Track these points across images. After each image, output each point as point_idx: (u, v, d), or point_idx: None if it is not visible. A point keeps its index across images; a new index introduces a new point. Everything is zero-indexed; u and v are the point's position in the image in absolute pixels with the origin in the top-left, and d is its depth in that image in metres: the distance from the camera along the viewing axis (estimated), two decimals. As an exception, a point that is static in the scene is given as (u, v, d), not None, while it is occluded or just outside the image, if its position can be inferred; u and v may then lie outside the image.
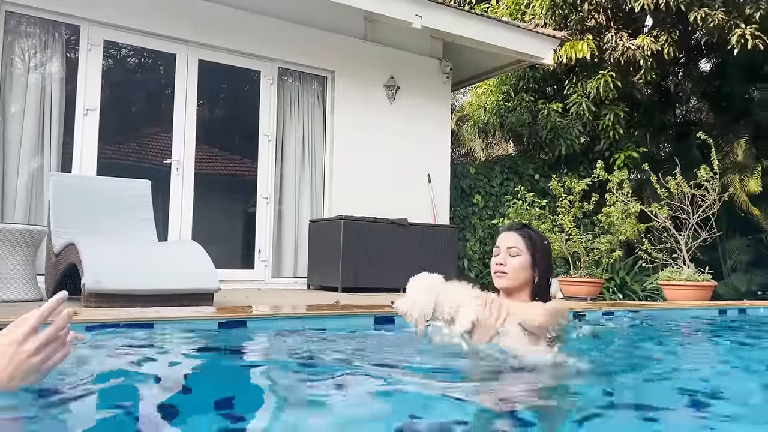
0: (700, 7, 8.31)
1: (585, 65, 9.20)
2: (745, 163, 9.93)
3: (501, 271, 2.45)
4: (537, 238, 2.50)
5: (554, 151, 9.78)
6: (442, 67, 8.35)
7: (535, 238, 2.50)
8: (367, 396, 1.69)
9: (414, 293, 2.31)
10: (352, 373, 1.98)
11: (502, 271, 2.44)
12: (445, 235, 7.54)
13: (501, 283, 2.45)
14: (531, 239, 2.49)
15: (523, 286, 2.46)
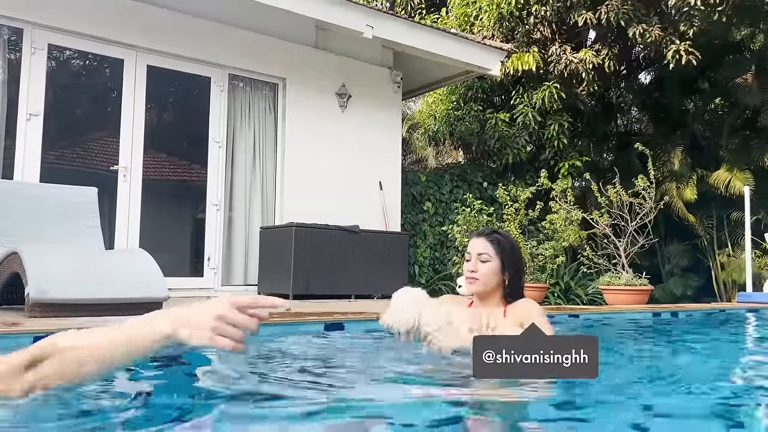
0: (638, 23, 8.69)
1: (531, 77, 9.48)
2: (681, 172, 10.39)
3: (472, 277, 2.56)
4: (505, 243, 2.62)
5: (502, 159, 10.03)
6: (392, 76, 8.48)
7: (503, 242, 2.61)
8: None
9: (399, 307, 2.33)
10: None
11: (474, 277, 2.56)
12: (396, 241, 7.65)
13: (472, 289, 2.57)
14: (500, 244, 2.60)
15: (494, 290, 2.59)
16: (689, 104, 12.02)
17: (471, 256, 2.58)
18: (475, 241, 2.62)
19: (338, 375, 2.23)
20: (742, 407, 1.85)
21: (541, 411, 1.73)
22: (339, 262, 6.88)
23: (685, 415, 1.71)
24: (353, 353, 2.76)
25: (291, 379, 2.07)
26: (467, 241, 7.39)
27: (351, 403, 1.75)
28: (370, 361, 2.61)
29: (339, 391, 1.92)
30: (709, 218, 10.66)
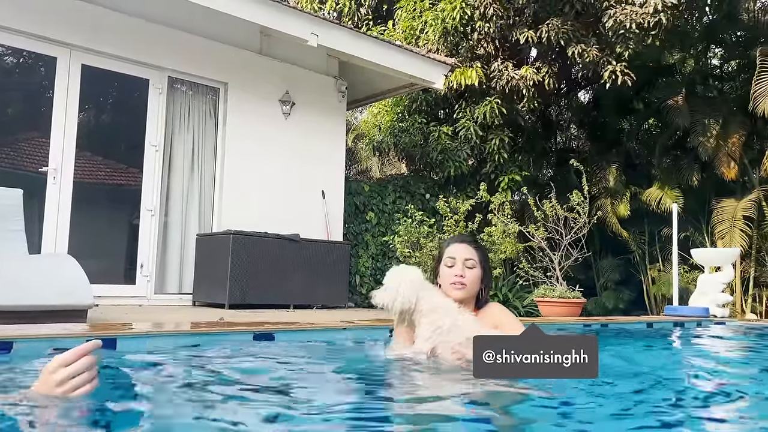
0: (577, 43, 8.97)
1: (474, 91, 9.65)
2: (616, 188, 10.75)
3: (460, 283, 2.49)
4: (485, 251, 2.64)
5: (444, 171, 10.15)
6: (337, 85, 8.48)
7: (484, 251, 2.63)
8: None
9: (397, 284, 2.35)
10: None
11: (462, 283, 2.49)
12: (337, 251, 7.62)
13: (459, 295, 2.49)
14: (482, 252, 2.61)
15: (472, 297, 2.58)
16: (624, 124, 12.47)
17: (455, 262, 2.52)
18: (459, 247, 2.57)
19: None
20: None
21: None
22: (278, 271, 6.79)
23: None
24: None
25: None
26: (407, 251, 7.45)
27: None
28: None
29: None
30: (641, 234, 11.05)
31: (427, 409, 1.85)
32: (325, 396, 2.02)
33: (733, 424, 1.90)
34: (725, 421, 1.93)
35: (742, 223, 9.57)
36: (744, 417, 2.01)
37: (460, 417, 1.77)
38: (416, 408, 1.89)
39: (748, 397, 2.28)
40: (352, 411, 1.82)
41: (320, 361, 2.88)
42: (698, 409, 2.05)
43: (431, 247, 7.36)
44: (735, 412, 2.06)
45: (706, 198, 10.43)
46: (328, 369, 2.64)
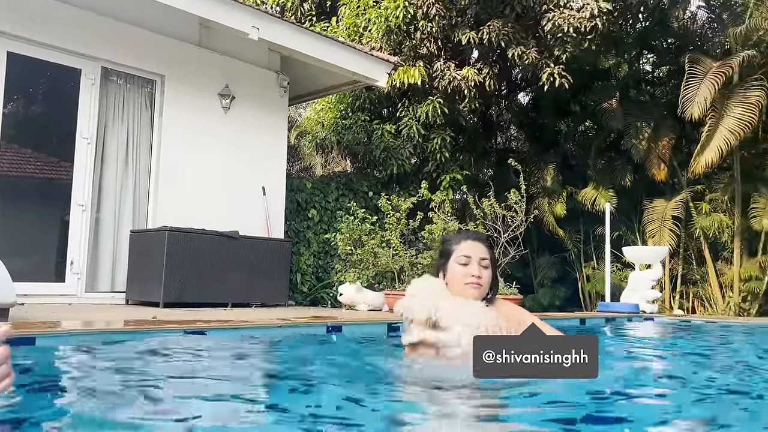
0: (517, 45, 9.15)
1: (416, 90, 9.70)
2: (553, 188, 11.03)
3: (478, 283, 2.41)
4: (494, 251, 2.59)
5: (387, 170, 10.17)
6: (279, 80, 8.37)
7: (494, 250, 2.58)
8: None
9: (422, 294, 2.27)
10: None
11: (479, 283, 2.41)
12: (278, 248, 7.52)
13: (475, 295, 2.41)
14: (493, 252, 2.55)
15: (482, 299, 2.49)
16: (562, 125, 12.81)
17: (470, 260, 2.42)
18: (474, 245, 2.48)
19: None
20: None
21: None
22: (216, 269, 6.65)
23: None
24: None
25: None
26: (349, 249, 7.43)
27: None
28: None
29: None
30: (577, 233, 11.38)
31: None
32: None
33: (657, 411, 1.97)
34: (651, 408, 2.00)
35: (671, 222, 9.98)
36: (666, 404, 2.08)
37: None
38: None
39: (673, 386, 2.37)
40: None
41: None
42: (626, 399, 2.11)
43: (373, 244, 7.37)
44: (661, 402, 2.13)
45: (638, 198, 10.83)
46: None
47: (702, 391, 2.29)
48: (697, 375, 2.78)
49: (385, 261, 7.26)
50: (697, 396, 2.20)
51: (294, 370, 2.58)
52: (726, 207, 10.18)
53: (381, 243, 7.40)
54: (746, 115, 8.95)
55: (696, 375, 2.78)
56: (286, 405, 1.84)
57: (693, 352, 4.08)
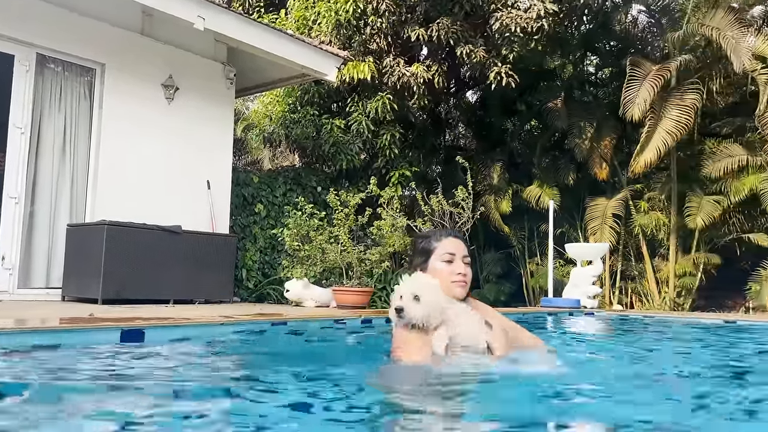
0: (465, 43, 9.24)
1: (366, 86, 9.68)
2: (499, 186, 11.21)
3: (464, 281, 2.36)
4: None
5: (336, 165, 10.12)
6: (225, 72, 8.19)
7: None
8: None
9: (432, 295, 2.16)
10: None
11: (465, 281, 2.36)
12: (223, 244, 7.36)
13: (462, 293, 2.37)
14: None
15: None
16: (509, 124, 13.03)
17: (455, 257, 2.36)
18: (456, 242, 2.43)
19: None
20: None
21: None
22: (158, 264, 6.45)
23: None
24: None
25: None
26: (297, 245, 7.35)
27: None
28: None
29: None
30: (521, 229, 11.61)
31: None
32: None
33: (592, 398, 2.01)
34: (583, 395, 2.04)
35: (612, 220, 10.29)
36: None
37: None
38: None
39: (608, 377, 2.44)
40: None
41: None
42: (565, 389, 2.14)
43: (321, 240, 7.30)
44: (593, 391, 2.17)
45: (581, 196, 11.12)
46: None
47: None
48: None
49: (333, 257, 7.21)
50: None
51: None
52: (663, 206, 10.57)
53: (329, 239, 7.34)
54: (683, 117, 9.30)
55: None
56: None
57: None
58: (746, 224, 10.40)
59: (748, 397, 2.07)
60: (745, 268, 10.05)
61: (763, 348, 4.13)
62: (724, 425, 1.65)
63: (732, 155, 9.65)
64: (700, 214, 9.75)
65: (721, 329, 5.42)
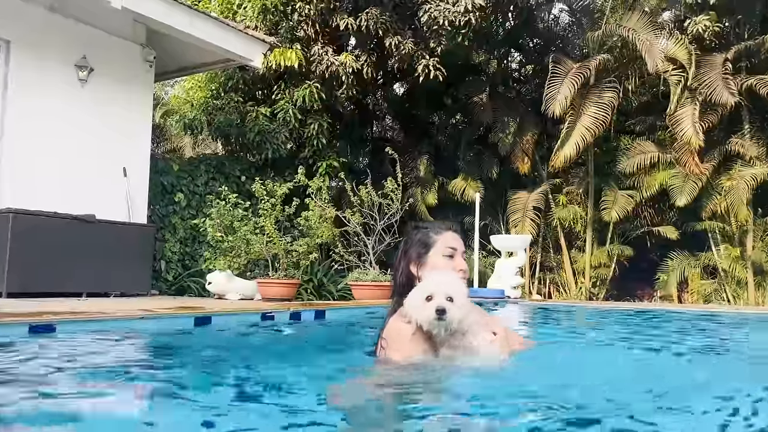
0: (394, 34, 9.21)
1: (293, 74, 9.48)
2: (426, 178, 11.29)
3: (464, 278, 2.29)
4: None
5: (261, 154, 9.87)
6: (144, 54, 7.80)
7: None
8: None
9: (466, 298, 2.01)
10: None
11: (464, 278, 2.29)
12: (140, 234, 7.05)
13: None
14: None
15: None
16: (435, 117, 13.15)
17: (455, 253, 2.29)
18: (456, 237, 2.35)
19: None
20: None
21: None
22: (69, 255, 6.08)
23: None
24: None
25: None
26: (220, 236, 7.11)
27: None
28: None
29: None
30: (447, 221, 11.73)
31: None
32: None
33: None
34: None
35: (532, 213, 10.58)
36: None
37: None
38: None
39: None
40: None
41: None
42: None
43: (245, 231, 7.10)
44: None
45: (504, 190, 11.37)
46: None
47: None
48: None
49: (258, 248, 7.02)
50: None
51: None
52: (580, 199, 10.97)
53: (254, 229, 7.15)
54: (601, 115, 9.68)
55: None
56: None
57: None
58: (656, 218, 10.96)
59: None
60: (654, 259, 10.61)
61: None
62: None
63: (644, 152, 10.13)
64: (614, 207, 10.17)
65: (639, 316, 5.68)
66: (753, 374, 2.37)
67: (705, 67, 9.19)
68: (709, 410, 1.66)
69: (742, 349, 3.69)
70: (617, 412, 1.59)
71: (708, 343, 4.03)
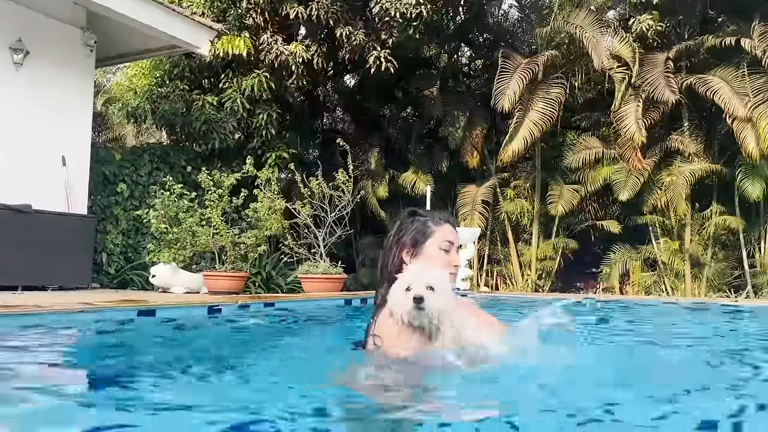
0: (345, 25, 9.11)
1: (242, 62, 9.28)
2: (377, 171, 11.25)
3: (455, 274, 2.24)
4: None
5: (208, 144, 9.63)
6: (84, 38, 7.48)
7: None
8: None
9: (447, 287, 1.94)
10: None
11: (456, 274, 2.24)
12: (80, 225, 6.78)
13: (452, 284, 2.16)
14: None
15: None
16: (386, 110, 13.12)
17: (452, 247, 2.21)
18: (452, 230, 2.26)
19: None
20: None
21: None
22: (3, 247, 5.79)
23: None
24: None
25: None
26: (164, 227, 6.90)
27: None
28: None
29: None
30: (397, 215, 11.75)
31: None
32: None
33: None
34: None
35: (481, 206, 10.69)
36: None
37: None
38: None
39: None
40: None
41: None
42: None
43: (191, 222, 6.91)
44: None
45: (453, 183, 11.45)
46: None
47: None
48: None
49: (204, 240, 6.84)
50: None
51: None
52: (527, 193, 11.15)
53: (200, 221, 6.96)
54: (548, 110, 9.85)
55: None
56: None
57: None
58: (600, 212, 11.26)
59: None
60: (597, 252, 10.89)
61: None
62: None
63: (589, 147, 10.37)
64: (560, 201, 10.39)
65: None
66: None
67: (648, 65, 9.46)
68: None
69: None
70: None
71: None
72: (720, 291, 9.67)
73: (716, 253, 9.94)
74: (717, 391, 1.86)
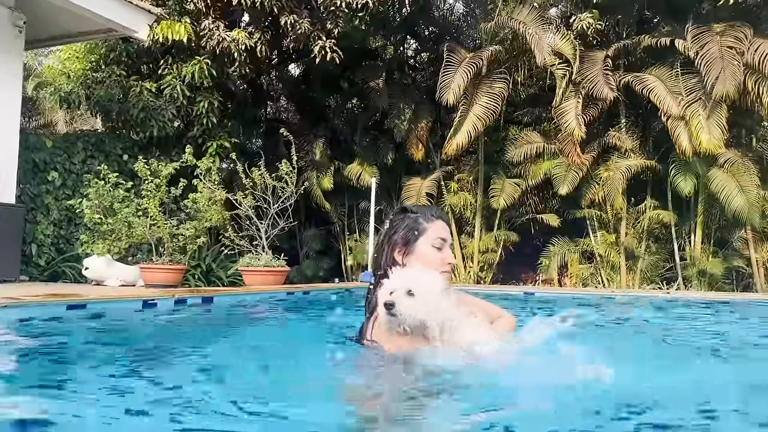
0: (290, 13, 8.95)
1: (182, 48, 8.99)
2: (321, 162, 11.16)
3: (450, 271, 2.15)
4: None
5: (146, 131, 9.31)
6: (13, 18, 7.08)
7: None
8: None
9: (430, 290, 1.87)
10: None
11: (451, 271, 2.16)
12: (7, 215, 6.45)
13: (447, 283, 2.08)
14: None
15: None
16: (331, 101, 13.01)
17: (445, 245, 2.13)
18: (446, 227, 2.17)
19: None
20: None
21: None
22: None
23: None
24: None
25: None
26: (98, 218, 6.63)
27: None
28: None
29: None
30: (342, 206, 11.71)
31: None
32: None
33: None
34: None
35: (426, 199, 10.75)
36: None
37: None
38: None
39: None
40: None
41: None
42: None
43: (127, 213, 6.67)
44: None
45: (399, 175, 11.47)
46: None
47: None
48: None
49: (140, 231, 6.62)
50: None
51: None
52: (471, 187, 11.28)
53: (136, 212, 6.73)
54: (492, 104, 9.97)
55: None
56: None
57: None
58: (540, 205, 11.50)
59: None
60: (537, 245, 11.14)
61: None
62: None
63: (531, 142, 10.56)
64: (502, 195, 10.55)
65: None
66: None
67: (588, 62, 9.70)
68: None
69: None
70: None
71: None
72: (653, 283, 10.04)
73: (650, 246, 10.32)
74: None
